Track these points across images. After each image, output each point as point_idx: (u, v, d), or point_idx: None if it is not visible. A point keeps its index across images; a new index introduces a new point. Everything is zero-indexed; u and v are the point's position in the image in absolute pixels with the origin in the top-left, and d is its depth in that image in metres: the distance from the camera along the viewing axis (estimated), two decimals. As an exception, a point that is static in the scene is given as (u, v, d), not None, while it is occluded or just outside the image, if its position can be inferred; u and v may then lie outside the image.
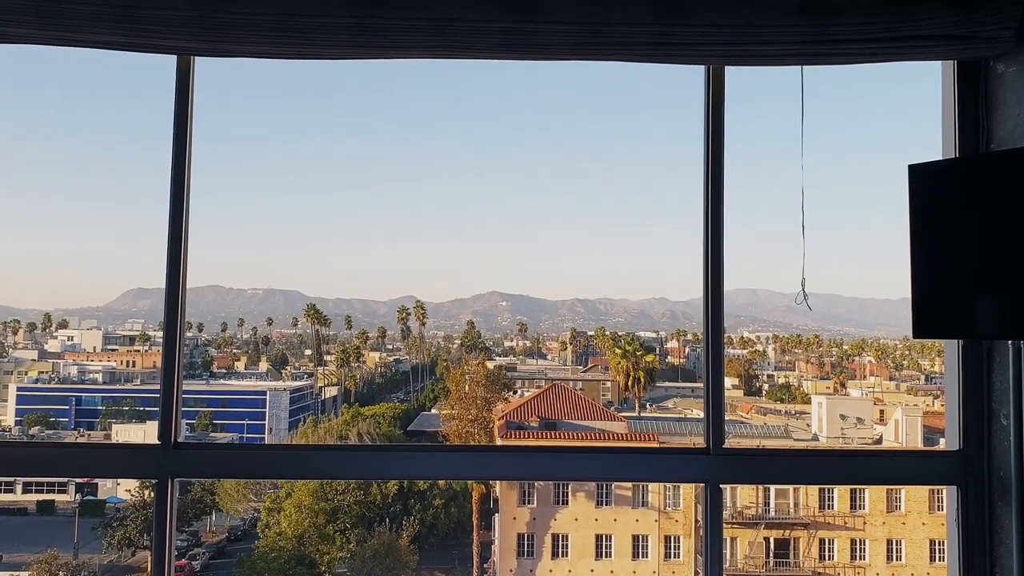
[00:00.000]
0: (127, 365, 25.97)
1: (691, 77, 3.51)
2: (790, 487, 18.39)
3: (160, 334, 3.51)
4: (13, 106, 33.44)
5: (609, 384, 25.33)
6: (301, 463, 3.61)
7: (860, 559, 18.50)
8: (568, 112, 38.48)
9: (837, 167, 33.37)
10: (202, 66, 3.39)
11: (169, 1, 3.03)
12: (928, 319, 2.94)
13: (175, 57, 3.32)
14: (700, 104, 3.47)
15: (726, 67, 3.40)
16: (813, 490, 18.54)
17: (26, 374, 24.86)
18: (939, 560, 17.86)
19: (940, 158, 3.43)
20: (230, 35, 3.08)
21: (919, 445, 19.03)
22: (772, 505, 18.74)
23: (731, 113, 3.43)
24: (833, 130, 32.42)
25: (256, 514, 21.17)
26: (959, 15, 3.10)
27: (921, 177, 2.97)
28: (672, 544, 18.58)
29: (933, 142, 3.53)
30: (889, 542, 18.41)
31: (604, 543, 18.67)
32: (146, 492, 19.83)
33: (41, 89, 34.73)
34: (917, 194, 2.96)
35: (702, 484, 3.36)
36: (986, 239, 2.82)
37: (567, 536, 18.75)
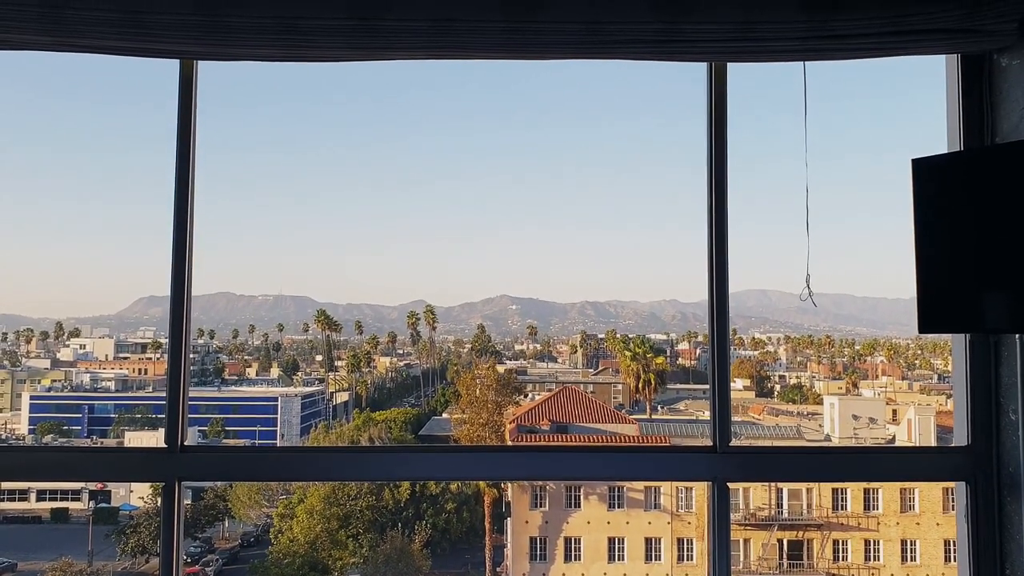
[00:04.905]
0: (139, 373, 26.09)
1: (701, 74, 3.49)
2: (803, 488, 18.30)
3: (171, 341, 3.50)
4: (24, 114, 33.67)
5: (620, 387, 25.27)
6: (308, 465, 3.62)
7: (874, 560, 18.39)
8: (577, 114, 38.49)
9: (849, 167, 33.26)
10: (211, 73, 3.40)
11: (173, 6, 3.03)
12: (933, 313, 2.92)
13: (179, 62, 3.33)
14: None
15: (729, 64, 3.39)
16: (826, 491, 18.44)
17: (39, 383, 24.99)
18: (954, 560, 17.69)
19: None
20: (233, 39, 3.09)
21: (932, 444, 18.91)
22: (785, 506, 18.65)
23: (743, 113, 3.41)
24: (845, 129, 32.32)
25: (269, 520, 21.23)
26: (962, 8, 3.09)
27: (924, 171, 2.95)
28: (685, 547, 18.53)
29: (945, 139, 3.50)
30: (903, 542, 18.30)
31: (617, 546, 18.63)
32: (159, 499, 19.89)
33: (52, 96, 34.96)
34: (921, 188, 2.94)
35: (709, 482, 3.35)
36: (991, 232, 2.80)
37: (580, 539, 18.71)
